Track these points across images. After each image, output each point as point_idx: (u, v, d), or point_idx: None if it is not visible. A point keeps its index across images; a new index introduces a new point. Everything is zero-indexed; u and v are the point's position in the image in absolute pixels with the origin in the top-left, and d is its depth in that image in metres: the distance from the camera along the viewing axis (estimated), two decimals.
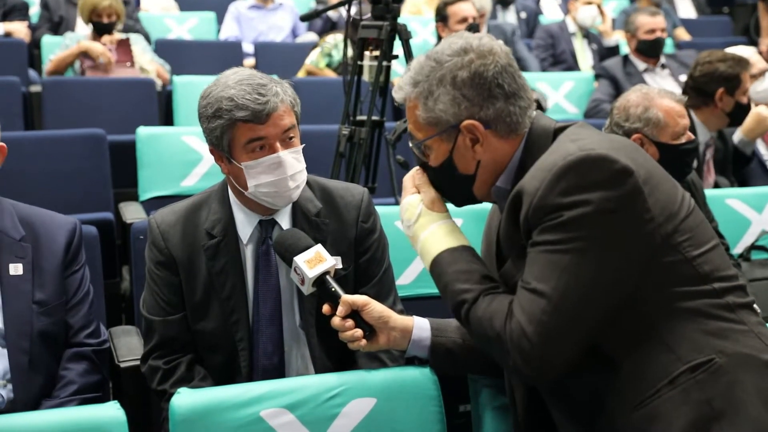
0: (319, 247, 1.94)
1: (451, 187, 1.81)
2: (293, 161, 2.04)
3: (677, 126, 2.69)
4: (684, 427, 1.57)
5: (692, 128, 3.55)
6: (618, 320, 1.62)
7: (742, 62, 3.71)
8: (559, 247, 1.58)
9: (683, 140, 2.71)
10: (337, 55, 5.43)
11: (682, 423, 1.58)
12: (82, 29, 5.43)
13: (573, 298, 1.58)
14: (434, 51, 1.75)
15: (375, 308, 1.87)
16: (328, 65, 5.49)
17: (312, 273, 1.89)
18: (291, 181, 2.04)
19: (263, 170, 2.02)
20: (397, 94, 1.79)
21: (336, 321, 1.87)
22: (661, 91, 2.76)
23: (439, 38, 5.27)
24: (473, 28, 3.91)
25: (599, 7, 6.27)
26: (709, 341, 1.62)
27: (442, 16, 5.21)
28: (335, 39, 5.52)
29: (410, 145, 1.84)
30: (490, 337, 1.66)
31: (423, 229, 1.81)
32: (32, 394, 2.08)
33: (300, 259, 1.91)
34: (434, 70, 1.72)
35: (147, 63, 5.20)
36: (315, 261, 1.91)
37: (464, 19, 5.10)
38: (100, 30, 5.13)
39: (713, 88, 3.64)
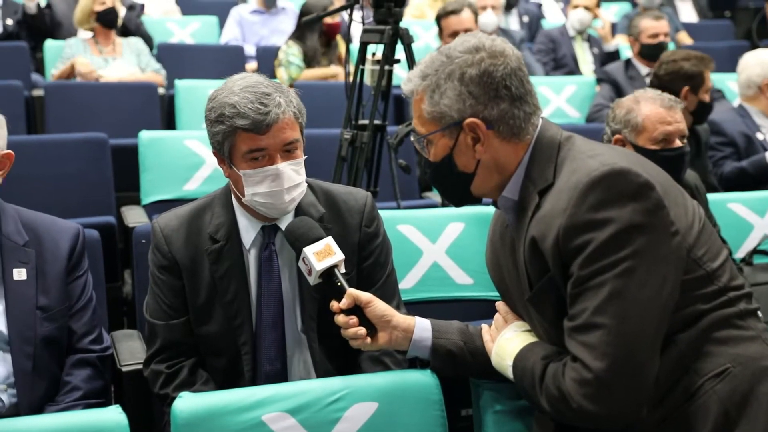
0: (329, 240, 1.93)
1: (450, 184, 1.80)
2: (292, 174, 2.03)
3: (655, 131, 2.71)
4: None
5: None
6: None
7: (705, 60, 3.77)
8: (604, 277, 1.55)
9: (662, 146, 2.72)
10: (296, 60, 5.48)
11: None
12: (83, 33, 5.45)
13: (633, 321, 1.53)
14: (447, 47, 1.75)
15: (378, 306, 1.87)
16: (298, 72, 5.51)
17: (320, 266, 1.88)
18: (287, 194, 2.03)
19: (260, 180, 2.01)
20: (406, 86, 1.78)
21: (341, 318, 1.86)
22: (655, 96, 2.78)
23: None
24: None
25: (588, 9, 6.21)
26: (723, 350, 1.62)
27: (439, 28, 5.22)
28: (286, 47, 5.55)
29: (412, 139, 1.83)
30: (557, 397, 1.60)
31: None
32: (36, 399, 2.09)
33: (309, 251, 1.90)
34: (444, 64, 1.72)
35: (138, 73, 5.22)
36: (324, 254, 1.90)
37: (455, 33, 5.06)
38: (104, 23, 5.18)
39: (678, 87, 3.69)
